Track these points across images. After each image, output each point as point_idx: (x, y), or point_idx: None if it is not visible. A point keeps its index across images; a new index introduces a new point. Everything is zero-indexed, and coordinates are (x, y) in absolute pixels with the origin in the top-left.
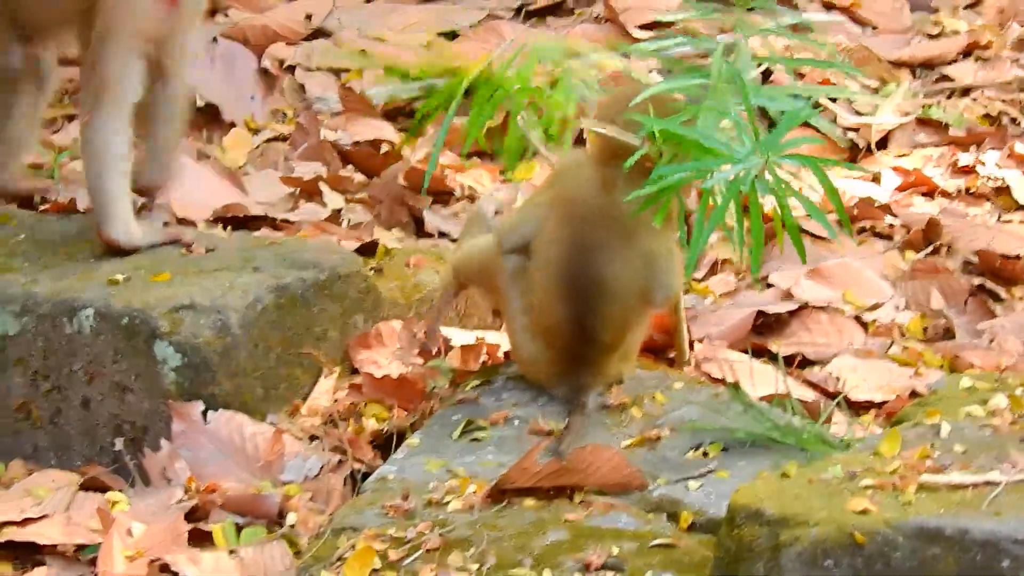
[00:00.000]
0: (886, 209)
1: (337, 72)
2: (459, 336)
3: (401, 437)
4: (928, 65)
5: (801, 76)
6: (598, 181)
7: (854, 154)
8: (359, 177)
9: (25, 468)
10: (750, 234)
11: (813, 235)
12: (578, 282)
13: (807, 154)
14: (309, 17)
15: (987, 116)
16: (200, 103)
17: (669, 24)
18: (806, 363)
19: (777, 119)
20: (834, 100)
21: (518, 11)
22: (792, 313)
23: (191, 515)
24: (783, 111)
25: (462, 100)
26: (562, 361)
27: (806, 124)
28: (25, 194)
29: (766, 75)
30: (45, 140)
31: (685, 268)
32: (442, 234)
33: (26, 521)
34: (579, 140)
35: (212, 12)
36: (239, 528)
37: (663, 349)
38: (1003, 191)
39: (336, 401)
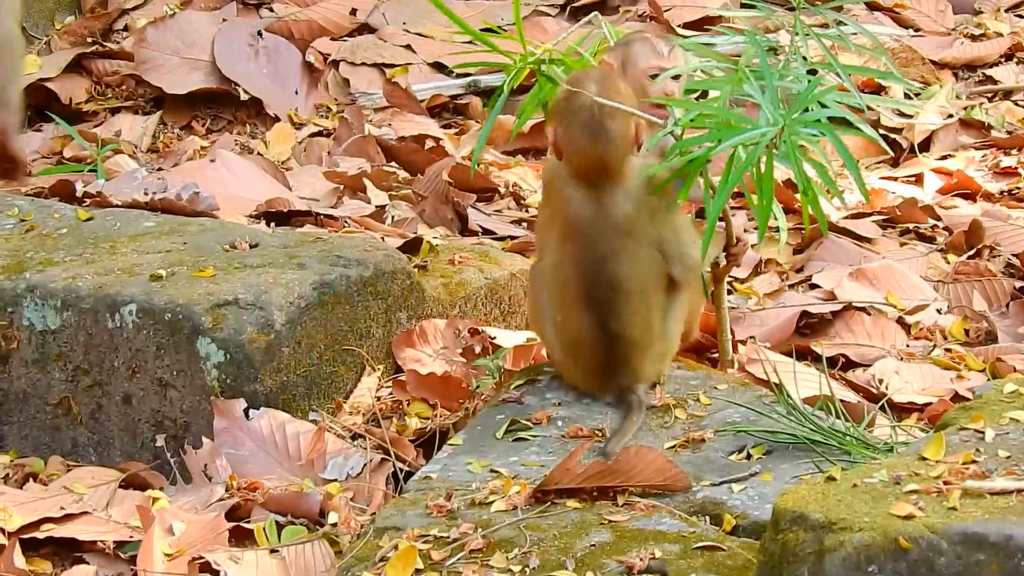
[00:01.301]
0: (929, 211)
1: (382, 67)
2: (504, 336)
3: (444, 436)
4: (971, 67)
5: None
6: (582, 195)
7: (897, 155)
8: (403, 173)
9: (64, 464)
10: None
11: (856, 235)
12: (593, 294)
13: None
14: (354, 12)
15: None
16: (244, 97)
17: (716, 21)
18: (849, 365)
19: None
20: (880, 95)
21: (563, 8)
22: (835, 314)
23: (232, 513)
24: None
25: (508, 97)
26: (598, 371)
27: (847, 123)
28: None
29: (810, 74)
30: (88, 133)
31: (705, 231)
32: (486, 231)
33: (66, 518)
34: None
35: (257, 6)
36: (280, 527)
37: (707, 350)
38: None
39: (379, 399)
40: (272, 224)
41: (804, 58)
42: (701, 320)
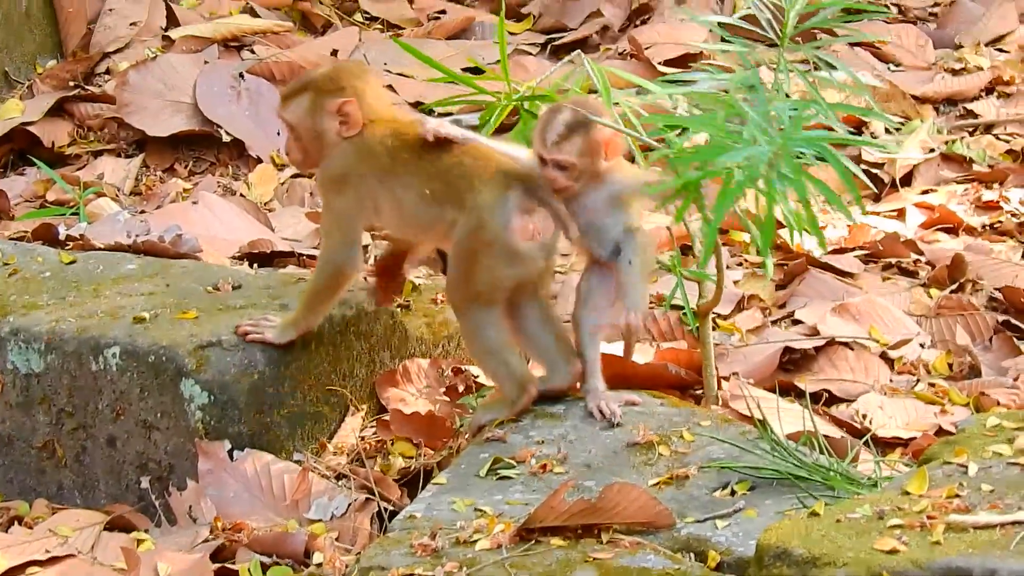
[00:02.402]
0: (911, 245)
1: None
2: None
3: (428, 475)
4: (951, 101)
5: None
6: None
7: (879, 190)
8: None
9: (49, 507)
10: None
11: (838, 270)
12: None
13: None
14: (335, 53)
15: (1010, 152)
16: (226, 138)
17: (696, 58)
18: (833, 400)
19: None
20: (858, 133)
21: (543, 47)
22: (819, 349)
23: (217, 555)
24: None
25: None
26: None
27: (826, 160)
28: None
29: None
30: (70, 177)
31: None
32: None
33: (51, 560)
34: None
35: (239, 48)
36: (265, 568)
37: (690, 386)
38: None
39: (363, 439)
40: (255, 265)
41: (787, 95)
42: (684, 357)
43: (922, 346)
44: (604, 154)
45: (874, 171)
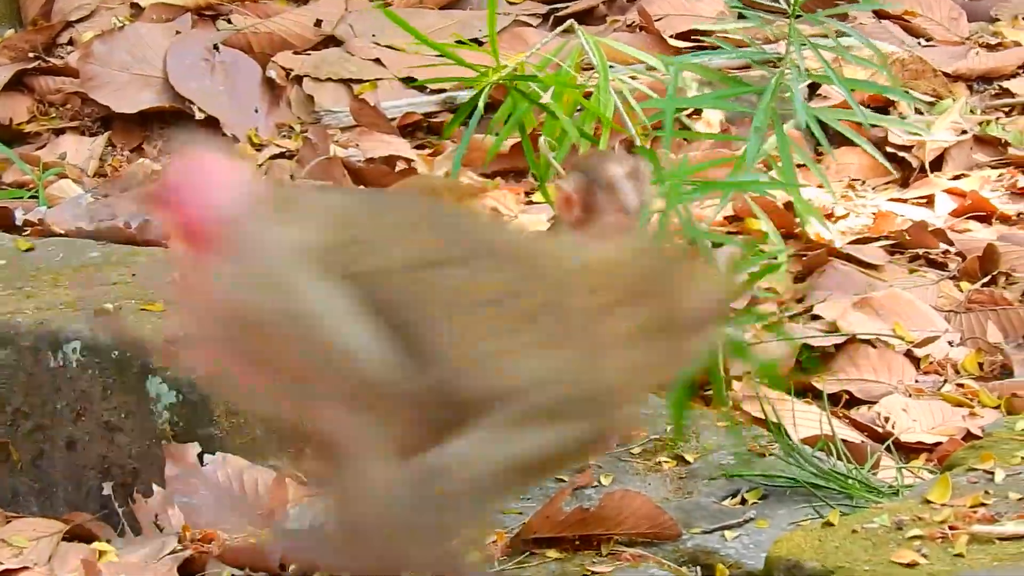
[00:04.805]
0: (940, 235)
1: (349, 83)
2: None
3: None
4: (986, 79)
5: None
6: None
7: (906, 175)
8: None
9: (3, 516)
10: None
11: (861, 262)
12: None
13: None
14: (319, 23)
15: None
16: (200, 116)
17: (707, 33)
18: (853, 402)
19: (824, 138)
20: (885, 114)
21: (545, 17)
22: (838, 347)
23: (185, 567)
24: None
25: (483, 114)
26: None
27: (852, 143)
28: None
29: (812, 88)
30: (29, 156)
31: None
32: None
33: (4, 573)
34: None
35: (214, 18)
36: None
37: (699, 387)
38: None
39: None
40: None
41: (804, 71)
42: None
43: (951, 344)
44: None
45: (901, 154)
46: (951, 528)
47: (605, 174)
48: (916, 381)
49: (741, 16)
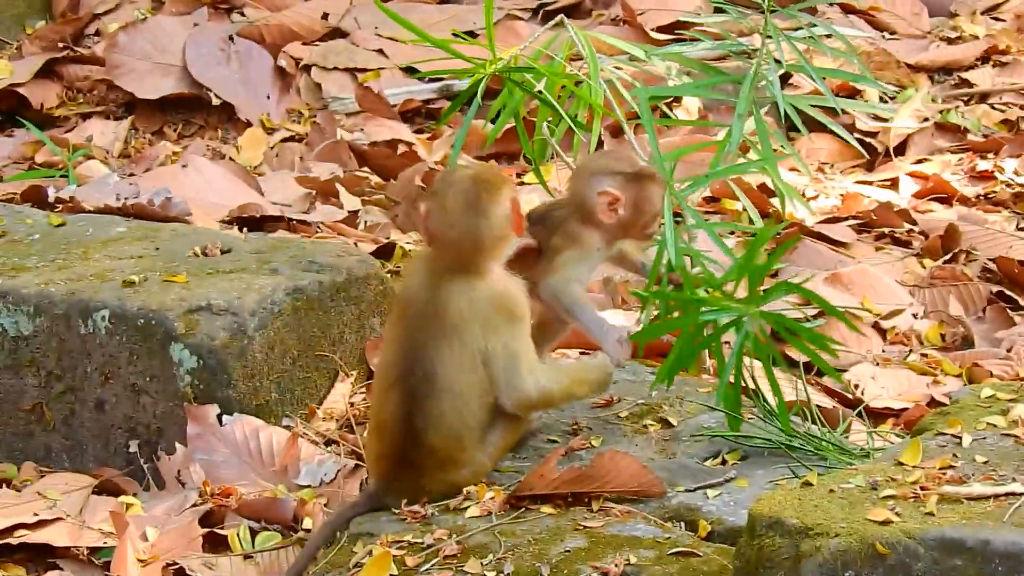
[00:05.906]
0: (904, 215)
1: (354, 72)
2: None
3: None
4: (947, 70)
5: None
6: (426, 279)
7: (872, 159)
8: (376, 178)
9: (37, 471)
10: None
11: (831, 240)
12: (407, 380)
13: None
14: (326, 16)
15: (1005, 122)
16: (216, 102)
17: (688, 25)
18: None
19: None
20: (854, 98)
21: (535, 12)
22: (811, 319)
23: (205, 519)
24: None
25: (480, 102)
26: (389, 461)
27: (824, 129)
28: None
29: (784, 78)
30: (59, 138)
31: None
32: None
33: (39, 524)
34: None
35: (229, 11)
36: (254, 533)
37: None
38: (1022, 197)
39: (352, 405)
40: (244, 229)
41: (778, 62)
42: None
43: (915, 316)
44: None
45: (868, 140)
46: (922, 488)
47: (642, 169)
48: (883, 351)
49: (718, 10)
